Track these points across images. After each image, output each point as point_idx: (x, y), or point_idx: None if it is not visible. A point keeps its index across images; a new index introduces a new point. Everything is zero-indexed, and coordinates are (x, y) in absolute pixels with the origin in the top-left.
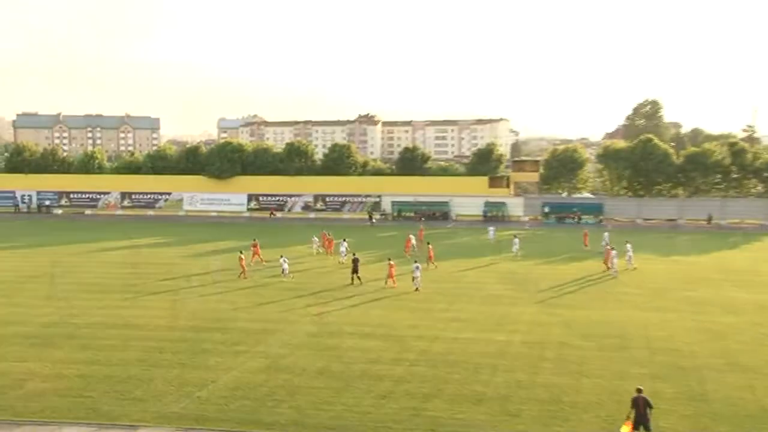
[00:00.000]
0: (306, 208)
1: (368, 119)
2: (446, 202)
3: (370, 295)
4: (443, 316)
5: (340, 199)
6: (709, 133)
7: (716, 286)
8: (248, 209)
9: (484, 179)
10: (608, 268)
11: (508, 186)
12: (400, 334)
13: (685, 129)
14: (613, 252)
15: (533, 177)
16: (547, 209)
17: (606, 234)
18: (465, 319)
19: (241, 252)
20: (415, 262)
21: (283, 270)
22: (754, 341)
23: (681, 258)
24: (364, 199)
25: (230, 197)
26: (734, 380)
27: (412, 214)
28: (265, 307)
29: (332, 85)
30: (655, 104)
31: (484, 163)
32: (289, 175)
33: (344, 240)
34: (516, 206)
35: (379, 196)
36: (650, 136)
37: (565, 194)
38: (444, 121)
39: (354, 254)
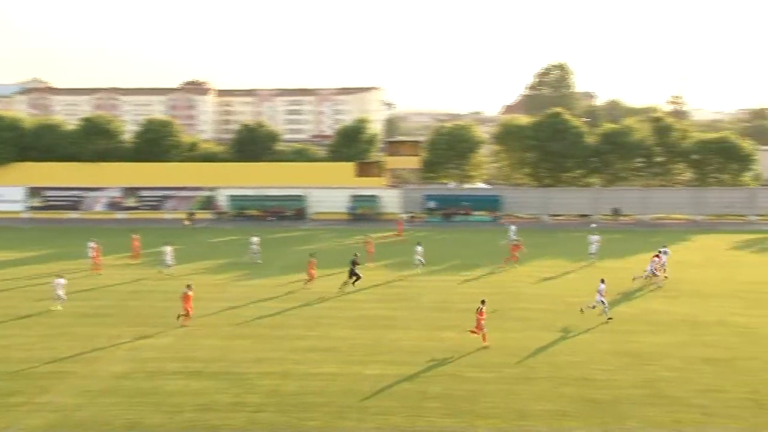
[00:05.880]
0: (112, 205)
1: (197, 87)
2: (301, 197)
3: (202, 320)
4: (298, 345)
5: (159, 194)
6: (630, 105)
7: (638, 297)
8: (29, 208)
9: (351, 166)
10: (509, 260)
11: (381, 174)
12: (241, 371)
13: (600, 101)
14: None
15: (413, 162)
16: (431, 204)
17: (513, 227)
18: (327, 348)
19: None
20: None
21: (58, 296)
22: (683, 365)
23: (595, 263)
24: (192, 193)
25: (2, 192)
26: (658, 415)
27: (256, 212)
28: (52, 340)
29: (145, 43)
30: (562, 69)
31: (350, 144)
32: (88, 161)
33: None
34: (391, 200)
35: (212, 189)
36: (558, 109)
37: (453, 184)
38: (298, 89)
39: (355, 254)
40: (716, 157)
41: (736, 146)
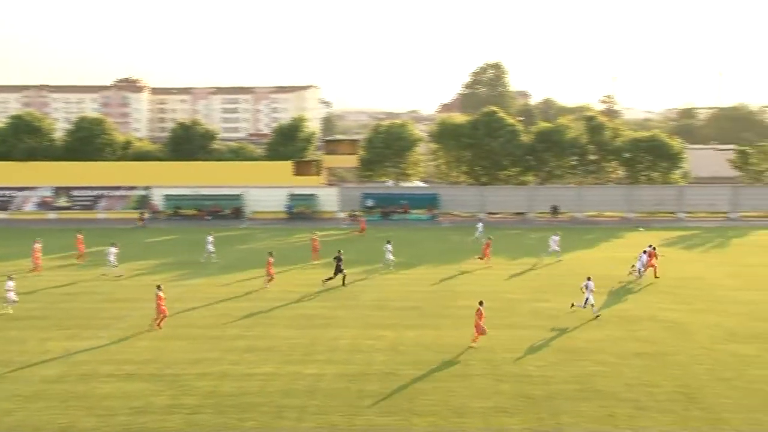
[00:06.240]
0: (43, 205)
1: (130, 84)
2: (238, 195)
3: (136, 321)
4: (235, 345)
5: (92, 193)
6: (563, 104)
7: (572, 294)
8: None
9: (288, 164)
10: (483, 258)
11: (318, 173)
12: (177, 373)
13: (535, 100)
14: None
15: (351, 161)
16: (369, 202)
17: (480, 224)
18: (264, 348)
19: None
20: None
21: (8, 299)
22: (615, 360)
23: (530, 261)
24: (126, 193)
25: None
26: (591, 409)
27: (193, 212)
28: None
29: (77, 40)
30: (498, 68)
31: (288, 143)
32: (17, 160)
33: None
34: (329, 199)
35: (147, 188)
36: (494, 108)
37: (390, 183)
38: (235, 88)
39: (339, 251)
40: (647, 156)
41: (665, 145)
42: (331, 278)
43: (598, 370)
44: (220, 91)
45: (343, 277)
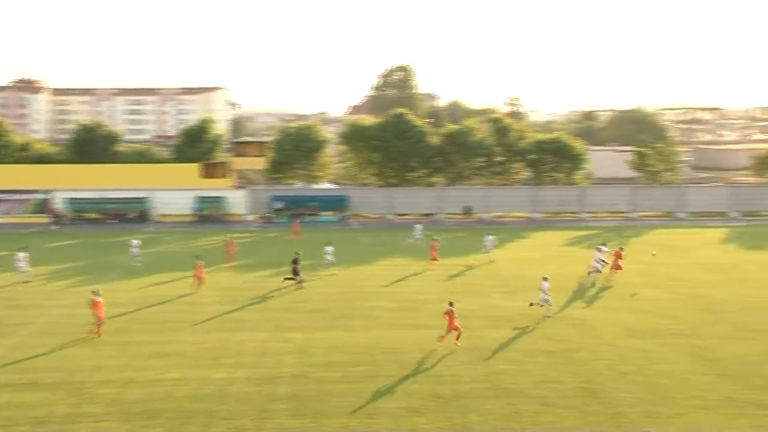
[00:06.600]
0: None
1: (28, 85)
2: (144, 198)
3: (40, 327)
4: (142, 350)
5: None
6: (470, 107)
7: (481, 294)
8: None
9: (196, 167)
10: (432, 260)
11: (226, 175)
12: (80, 380)
13: (442, 102)
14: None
15: (259, 163)
16: (279, 204)
17: (419, 226)
18: (172, 354)
19: None
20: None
21: None
22: (523, 358)
23: (440, 261)
24: (26, 196)
25: None
26: (499, 407)
27: (96, 215)
28: None
29: None
30: (406, 70)
31: (195, 144)
32: None
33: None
34: (238, 201)
35: (48, 192)
36: (402, 110)
37: (300, 185)
38: (140, 89)
39: (297, 253)
40: (550, 157)
41: (568, 146)
42: (301, 279)
43: (507, 368)
44: (124, 92)
45: (294, 278)
